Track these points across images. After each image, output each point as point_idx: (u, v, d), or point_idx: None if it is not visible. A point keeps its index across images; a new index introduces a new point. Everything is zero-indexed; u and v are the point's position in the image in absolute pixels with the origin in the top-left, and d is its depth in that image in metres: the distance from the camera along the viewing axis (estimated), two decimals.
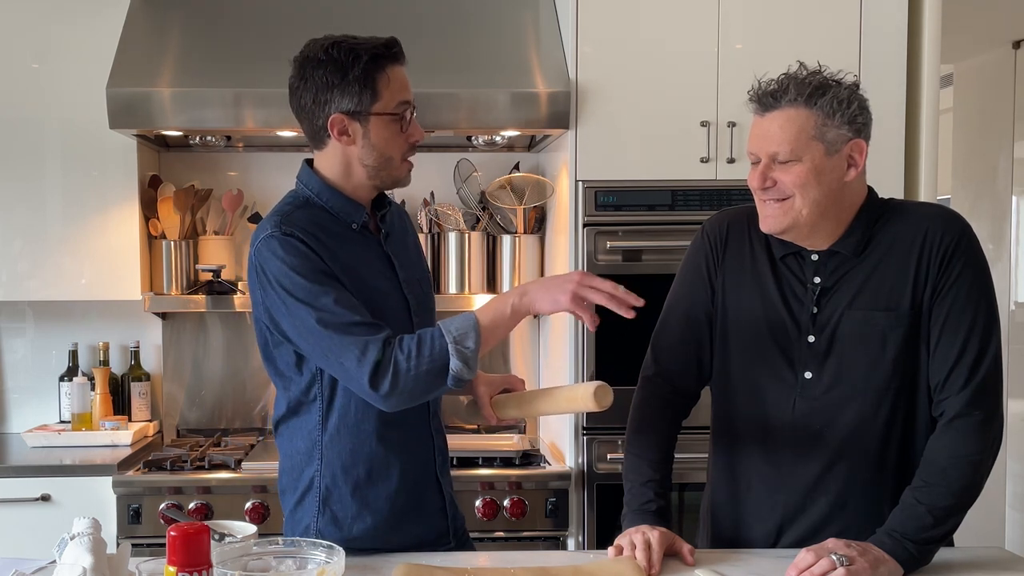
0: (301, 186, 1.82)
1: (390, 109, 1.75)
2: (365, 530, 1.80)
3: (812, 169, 1.63)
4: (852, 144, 1.65)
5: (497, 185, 3.12)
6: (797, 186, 1.64)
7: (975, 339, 1.66)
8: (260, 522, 2.67)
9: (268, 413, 3.31)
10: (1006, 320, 4.02)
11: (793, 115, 1.63)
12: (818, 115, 1.63)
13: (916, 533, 1.62)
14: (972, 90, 4.37)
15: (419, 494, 1.85)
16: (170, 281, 3.11)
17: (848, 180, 1.67)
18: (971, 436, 1.65)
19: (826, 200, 1.66)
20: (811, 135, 1.63)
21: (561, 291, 1.68)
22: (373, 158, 1.77)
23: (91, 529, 1.49)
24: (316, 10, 2.98)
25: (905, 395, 1.72)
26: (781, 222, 1.68)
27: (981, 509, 1.73)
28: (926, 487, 1.64)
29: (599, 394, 1.69)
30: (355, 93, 1.72)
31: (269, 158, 3.32)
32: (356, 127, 1.75)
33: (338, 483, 1.79)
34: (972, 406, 1.65)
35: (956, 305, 1.67)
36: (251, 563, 1.46)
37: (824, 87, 1.63)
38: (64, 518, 1.74)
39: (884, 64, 2.79)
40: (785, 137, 1.63)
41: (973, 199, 4.38)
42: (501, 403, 1.93)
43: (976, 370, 1.66)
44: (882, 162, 2.81)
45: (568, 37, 2.81)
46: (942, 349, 1.68)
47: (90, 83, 2.84)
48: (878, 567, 1.57)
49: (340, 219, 1.79)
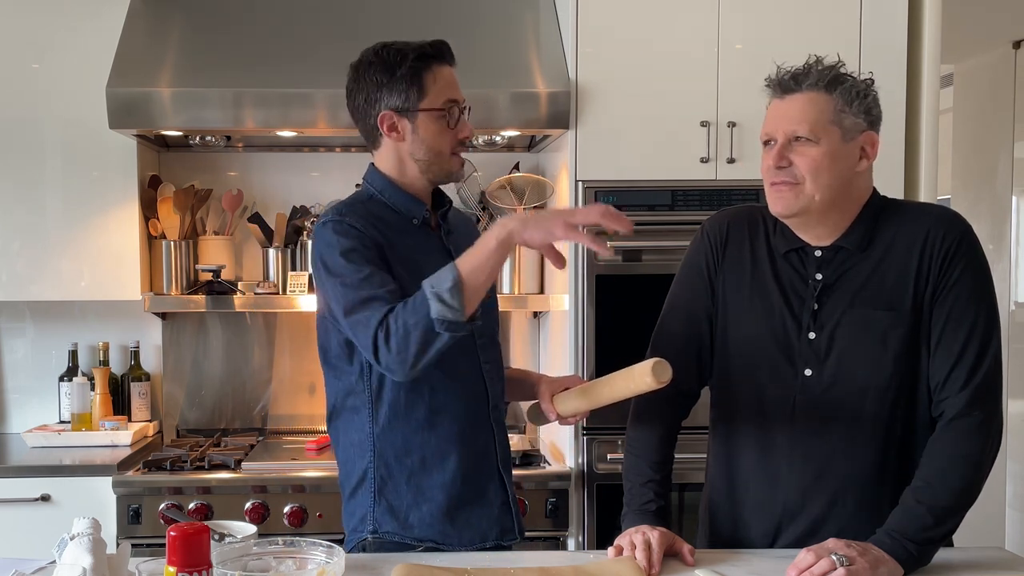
0: (366, 184, 1.92)
1: (437, 105, 1.83)
2: (422, 519, 1.83)
3: (828, 153, 1.65)
4: (866, 135, 1.68)
5: (497, 185, 3.12)
6: (810, 170, 1.66)
7: (975, 340, 1.66)
8: (260, 522, 2.67)
9: (268, 413, 3.32)
10: (1006, 320, 4.02)
11: (815, 97, 1.66)
12: (837, 101, 1.66)
13: (916, 533, 1.61)
14: (972, 90, 4.37)
15: (479, 486, 1.88)
16: (170, 281, 3.11)
17: (859, 171, 1.69)
18: (971, 436, 1.65)
19: (837, 187, 1.67)
20: (830, 119, 1.65)
21: (552, 223, 1.66)
22: (423, 152, 1.85)
23: (91, 529, 1.49)
24: (316, 11, 2.98)
25: (905, 394, 1.72)
26: (793, 205, 1.69)
27: (981, 509, 1.73)
28: (926, 487, 1.64)
29: (657, 370, 1.68)
30: (403, 90, 1.82)
31: (269, 158, 3.32)
32: (405, 123, 1.84)
33: (392, 472, 1.83)
34: (972, 406, 1.65)
35: (957, 306, 1.67)
36: (251, 563, 1.45)
37: (843, 77, 1.67)
38: (64, 518, 1.74)
39: (884, 64, 2.79)
40: (806, 117, 1.66)
41: (973, 199, 4.38)
42: (562, 400, 1.94)
43: (976, 371, 1.65)
44: (882, 162, 2.78)
45: (568, 37, 2.81)
46: (942, 349, 1.68)
47: (90, 83, 2.84)
48: (878, 567, 1.57)
49: (401, 214, 1.87)
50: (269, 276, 3.16)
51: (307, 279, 3.10)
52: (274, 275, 3.15)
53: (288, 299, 3.08)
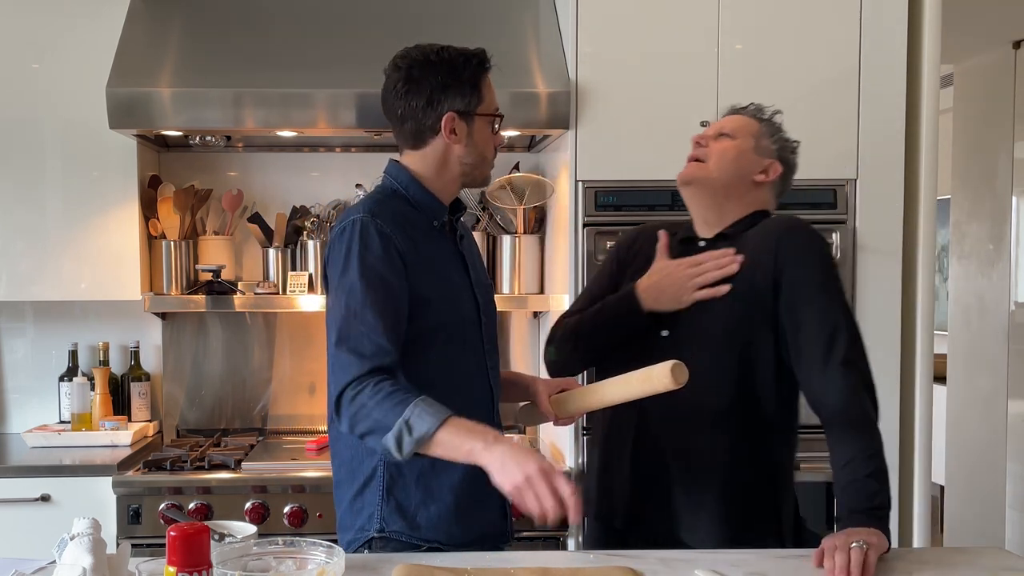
0: (389, 179, 1.92)
1: (491, 111, 1.88)
2: (429, 519, 1.84)
3: (737, 148, 1.98)
4: (773, 162, 2.00)
5: (497, 185, 3.12)
6: (718, 153, 1.97)
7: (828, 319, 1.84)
8: (260, 522, 2.67)
9: (268, 413, 3.32)
10: (1006, 320, 4.03)
11: (747, 119, 2.04)
12: (762, 127, 2.02)
13: (868, 500, 1.74)
14: (972, 90, 4.38)
15: (483, 488, 1.87)
16: (170, 281, 3.11)
17: (757, 180, 1.98)
18: (853, 398, 1.81)
19: (733, 177, 1.97)
20: (751, 132, 2.00)
21: (514, 471, 1.60)
22: (473, 157, 1.89)
23: (91, 529, 1.49)
24: (316, 11, 2.98)
25: (745, 366, 1.89)
26: (694, 175, 1.98)
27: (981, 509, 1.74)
28: (852, 462, 1.76)
29: (676, 372, 1.70)
30: (466, 94, 1.85)
31: (269, 158, 3.32)
32: (463, 127, 1.86)
33: (402, 471, 1.83)
34: (837, 373, 1.81)
35: (802, 293, 1.86)
36: (251, 563, 1.45)
37: (774, 118, 2.04)
38: (64, 518, 1.74)
39: (884, 64, 2.79)
40: (734, 124, 2.02)
41: (973, 199, 4.38)
42: (562, 400, 1.94)
43: (834, 344, 1.82)
44: (882, 162, 2.82)
45: (568, 37, 2.81)
46: (795, 333, 1.85)
47: (90, 83, 2.84)
48: (880, 538, 1.68)
49: (423, 215, 1.88)
50: (269, 276, 3.16)
51: (307, 279, 3.10)
52: (274, 275, 3.15)
53: (288, 299, 3.08)
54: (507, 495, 1.62)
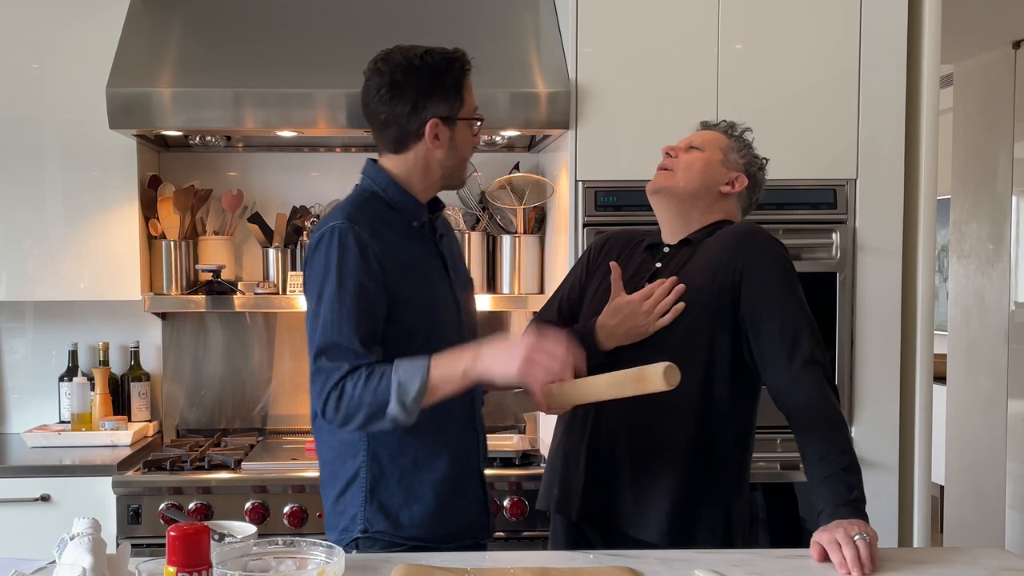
0: (367, 180, 1.92)
1: (471, 114, 1.88)
2: (412, 519, 1.85)
3: (705, 160, 2.05)
4: (739, 174, 2.06)
5: (497, 185, 3.12)
6: (686, 164, 2.04)
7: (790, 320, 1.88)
8: (260, 522, 2.67)
9: (267, 413, 3.32)
10: (1006, 320, 4.03)
11: (718, 135, 2.12)
12: (732, 142, 2.10)
13: (849, 493, 1.76)
14: (972, 90, 4.38)
15: (463, 485, 1.91)
16: (170, 281, 3.11)
17: (724, 191, 2.05)
18: (822, 396, 1.83)
19: (699, 187, 2.03)
20: (719, 146, 2.08)
21: (511, 357, 1.69)
22: (454, 160, 1.89)
23: (91, 529, 1.49)
24: (316, 11, 2.98)
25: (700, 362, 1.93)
26: (662, 184, 2.05)
27: (981, 509, 1.74)
28: (827, 457, 1.78)
29: (668, 373, 1.70)
30: (450, 99, 1.84)
31: (269, 158, 3.32)
32: (445, 132, 1.86)
33: (385, 472, 1.85)
34: (803, 372, 1.84)
35: (763, 293, 1.90)
36: (251, 563, 1.45)
37: (744, 135, 2.11)
38: (64, 518, 1.75)
39: (884, 64, 2.79)
40: (704, 138, 2.10)
41: (973, 199, 4.38)
42: (555, 391, 1.94)
43: (797, 344, 1.86)
44: (882, 162, 2.82)
45: (568, 37, 2.81)
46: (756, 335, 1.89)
47: (90, 83, 2.84)
48: (873, 530, 1.70)
49: (402, 216, 1.88)
50: (269, 276, 3.16)
51: None
52: (274, 275, 3.15)
53: (288, 299, 3.08)
54: (520, 382, 1.68)
